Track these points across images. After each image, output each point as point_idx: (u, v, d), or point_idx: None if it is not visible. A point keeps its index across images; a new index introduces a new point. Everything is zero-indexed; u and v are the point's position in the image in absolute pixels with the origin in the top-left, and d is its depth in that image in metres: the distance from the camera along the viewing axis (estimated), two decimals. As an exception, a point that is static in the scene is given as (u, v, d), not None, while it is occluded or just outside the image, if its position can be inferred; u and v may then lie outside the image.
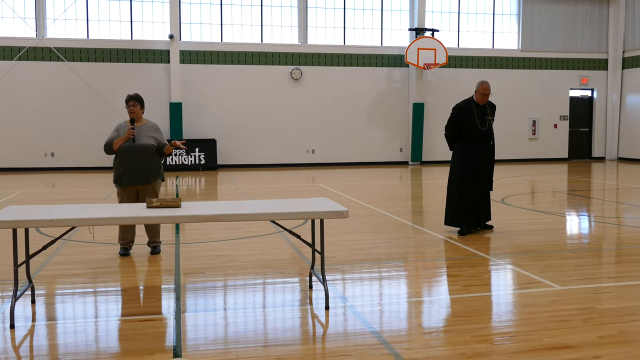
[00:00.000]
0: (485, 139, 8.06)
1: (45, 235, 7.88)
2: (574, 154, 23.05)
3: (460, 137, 8.10)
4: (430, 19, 21.44)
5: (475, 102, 8.06)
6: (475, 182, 8.04)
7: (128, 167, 6.73)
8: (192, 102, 19.77)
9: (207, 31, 20.14)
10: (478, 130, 7.99)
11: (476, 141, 8.02)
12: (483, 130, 8.01)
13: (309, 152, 20.84)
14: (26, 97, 18.84)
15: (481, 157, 8.05)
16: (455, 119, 8.06)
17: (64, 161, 19.23)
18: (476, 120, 7.97)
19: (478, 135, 8.00)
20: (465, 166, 8.03)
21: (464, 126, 8.01)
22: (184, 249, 7.31)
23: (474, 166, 8.02)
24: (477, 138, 8.01)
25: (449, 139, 8.25)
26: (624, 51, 22.55)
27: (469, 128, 7.99)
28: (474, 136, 8.00)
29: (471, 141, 8.03)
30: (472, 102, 8.08)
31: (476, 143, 8.03)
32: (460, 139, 8.11)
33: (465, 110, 8.02)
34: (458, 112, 8.05)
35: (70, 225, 4.71)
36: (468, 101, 8.11)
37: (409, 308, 5.04)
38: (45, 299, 5.27)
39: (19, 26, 19.03)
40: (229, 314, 4.84)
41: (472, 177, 8.02)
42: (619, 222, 9.20)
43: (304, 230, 7.45)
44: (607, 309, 4.86)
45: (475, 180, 8.04)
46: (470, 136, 8.01)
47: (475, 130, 7.98)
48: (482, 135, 8.02)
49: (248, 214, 4.85)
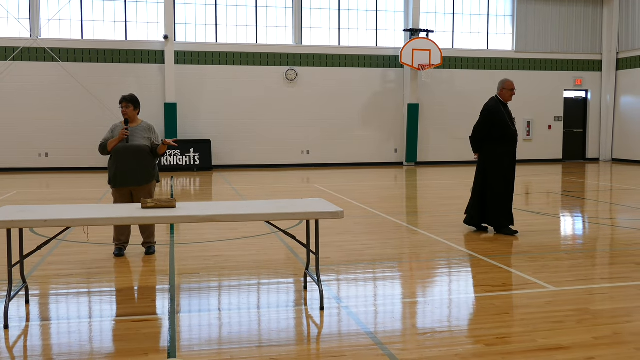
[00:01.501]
0: (516, 139, 8.05)
1: (40, 235, 7.86)
2: (568, 155, 23.12)
3: (491, 139, 8.01)
4: (425, 20, 21.47)
5: (501, 101, 8.03)
6: (510, 183, 8.04)
7: (121, 168, 6.72)
8: (186, 102, 19.75)
9: (202, 32, 20.12)
10: (509, 130, 7.95)
11: (508, 141, 7.98)
12: (513, 130, 7.99)
13: (304, 153, 20.84)
14: (20, 98, 18.78)
15: (513, 157, 8.04)
16: (488, 121, 7.99)
17: (59, 161, 19.18)
18: (507, 120, 7.94)
19: (510, 135, 7.96)
20: (503, 167, 7.98)
21: (495, 127, 7.94)
22: (179, 249, 7.30)
23: (508, 166, 8.01)
24: (509, 138, 7.97)
25: (475, 142, 8.17)
26: (618, 52, 22.64)
27: (501, 129, 7.92)
28: (506, 136, 7.95)
29: (503, 142, 7.97)
30: (498, 101, 8.04)
31: (508, 143, 7.99)
32: (491, 141, 8.01)
33: (496, 111, 7.96)
34: (490, 114, 7.98)
35: (64, 225, 4.70)
36: (495, 101, 8.04)
37: (404, 309, 5.05)
38: (39, 299, 5.26)
39: (13, 26, 18.96)
40: (223, 315, 4.84)
41: (510, 177, 8.03)
42: (613, 224, 9.24)
43: (298, 231, 7.46)
44: (601, 310, 4.88)
45: (510, 181, 8.03)
46: (503, 137, 7.95)
47: (507, 130, 7.93)
48: (513, 134, 7.99)
49: (243, 215, 4.85)
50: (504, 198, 8.07)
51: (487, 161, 8.13)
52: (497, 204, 8.08)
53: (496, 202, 8.08)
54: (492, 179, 8.09)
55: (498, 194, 8.06)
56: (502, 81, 8.10)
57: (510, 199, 8.14)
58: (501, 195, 8.06)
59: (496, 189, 8.07)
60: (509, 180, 8.08)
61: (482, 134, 8.10)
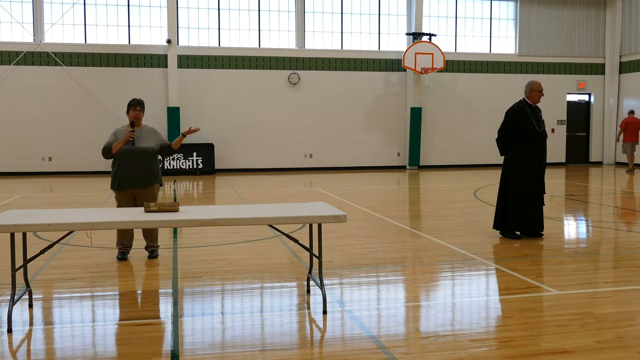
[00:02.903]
0: (543, 140, 7.99)
1: (43, 239, 7.87)
2: (572, 158, 23.10)
3: (516, 141, 7.97)
4: (427, 24, 21.49)
5: (529, 103, 8.01)
6: (535, 186, 7.97)
7: (127, 170, 6.73)
8: (189, 106, 19.78)
9: (205, 36, 20.16)
10: (535, 131, 7.90)
11: (534, 143, 7.93)
12: (540, 132, 7.94)
13: (306, 157, 20.85)
14: (24, 102, 18.83)
15: (539, 160, 7.97)
16: (512, 123, 7.95)
17: (62, 165, 19.21)
18: (533, 122, 7.91)
19: (536, 136, 7.91)
20: (525, 169, 7.92)
21: (521, 129, 7.91)
22: (182, 253, 7.31)
23: (534, 169, 7.94)
24: (535, 140, 7.92)
25: (501, 144, 8.13)
26: (621, 55, 22.62)
27: (526, 130, 7.88)
28: (532, 138, 7.90)
29: (529, 143, 7.92)
30: (525, 104, 8.00)
31: (534, 145, 7.93)
32: (517, 143, 7.97)
33: (521, 113, 7.92)
34: (514, 116, 7.94)
35: (67, 229, 4.71)
36: (521, 103, 8.02)
37: (407, 312, 5.04)
38: (42, 303, 5.26)
39: (16, 31, 19.03)
40: (226, 319, 4.84)
41: (533, 181, 7.95)
42: (616, 227, 9.22)
43: (301, 235, 7.46)
44: (604, 314, 4.87)
45: (535, 184, 7.97)
46: (528, 138, 7.90)
47: (533, 132, 7.88)
48: (540, 136, 7.93)
49: (246, 218, 4.85)
50: (524, 201, 7.95)
51: (510, 163, 8.06)
52: (515, 207, 7.97)
53: (515, 205, 7.97)
54: (513, 181, 7.99)
55: (517, 196, 7.95)
56: (529, 83, 8.07)
57: (532, 202, 7.95)
58: (521, 198, 7.94)
59: (514, 192, 7.97)
60: (531, 183, 7.94)
61: (506, 135, 8.04)
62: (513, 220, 8.01)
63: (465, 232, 8.56)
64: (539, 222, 8.08)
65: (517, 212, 7.98)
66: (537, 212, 8.02)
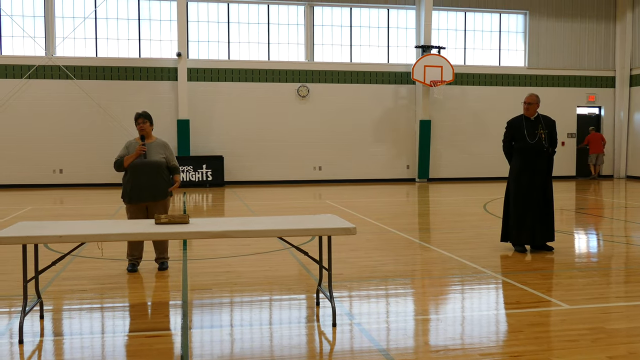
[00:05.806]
0: (533, 153, 8.04)
1: (54, 251, 7.91)
2: (582, 172, 22.98)
3: (514, 152, 8.25)
4: (436, 37, 21.53)
5: (526, 116, 8.16)
6: (526, 197, 8.03)
7: (138, 184, 6.78)
8: (199, 119, 19.88)
9: (215, 49, 20.30)
10: (527, 143, 8.04)
11: (525, 155, 8.07)
12: (531, 144, 8.03)
13: (315, 169, 20.87)
14: (35, 115, 19.00)
15: (530, 171, 8.05)
16: (507, 135, 8.29)
17: (73, 177, 19.34)
18: (525, 134, 8.06)
19: (526, 148, 8.06)
20: (515, 180, 8.13)
21: (516, 141, 8.17)
22: (192, 265, 7.32)
23: (522, 181, 8.06)
24: (526, 151, 8.07)
25: (506, 155, 8.42)
26: (632, 69, 22.54)
27: (519, 142, 8.12)
28: (523, 150, 8.09)
29: (521, 155, 8.12)
30: (522, 117, 8.21)
31: (525, 157, 8.08)
32: (514, 155, 8.25)
33: (514, 125, 8.18)
34: (508, 128, 8.27)
35: (79, 241, 4.74)
36: (519, 116, 8.25)
37: (416, 326, 5.02)
38: (53, 315, 5.29)
39: (28, 45, 19.23)
40: (235, 331, 4.84)
41: (522, 192, 8.06)
42: (627, 241, 9.16)
43: (311, 247, 7.45)
44: (616, 329, 4.83)
45: (526, 195, 8.03)
46: (520, 150, 8.12)
47: (524, 144, 8.06)
48: (529, 148, 8.04)
49: (255, 230, 4.86)
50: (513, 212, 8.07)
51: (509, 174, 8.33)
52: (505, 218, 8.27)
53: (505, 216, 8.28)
54: (507, 193, 8.31)
55: (506, 207, 8.26)
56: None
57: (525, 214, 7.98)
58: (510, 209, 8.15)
59: (506, 202, 8.31)
60: (518, 195, 8.04)
61: (505, 148, 8.37)
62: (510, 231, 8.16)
63: (475, 245, 8.53)
64: (532, 234, 8.04)
65: (506, 222, 8.24)
66: (530, 224, 8.02)
